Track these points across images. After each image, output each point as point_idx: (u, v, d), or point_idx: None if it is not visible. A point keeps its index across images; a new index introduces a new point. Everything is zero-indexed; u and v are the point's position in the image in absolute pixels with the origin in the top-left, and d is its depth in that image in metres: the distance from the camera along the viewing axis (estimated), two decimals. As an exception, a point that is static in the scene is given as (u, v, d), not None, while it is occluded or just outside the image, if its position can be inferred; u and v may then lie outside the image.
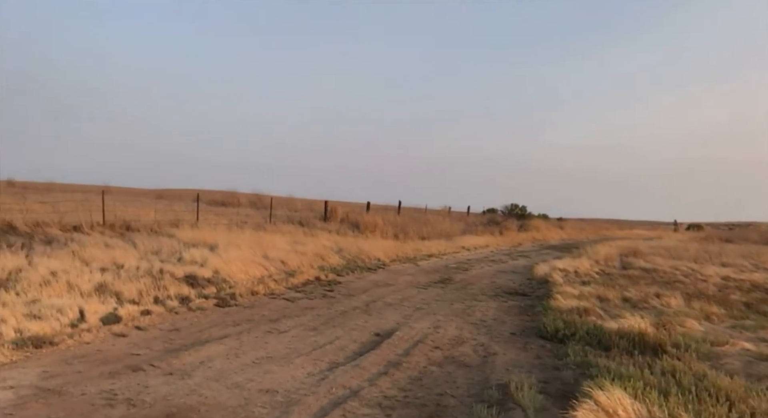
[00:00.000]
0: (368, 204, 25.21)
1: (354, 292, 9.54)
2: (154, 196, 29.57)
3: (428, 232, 22.30)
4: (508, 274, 13.78)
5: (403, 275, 12.15)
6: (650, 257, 16.61)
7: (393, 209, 27.54)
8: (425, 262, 14.90)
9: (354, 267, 12.13)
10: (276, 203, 26.37)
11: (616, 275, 13.30)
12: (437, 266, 14.40)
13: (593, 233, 35.66)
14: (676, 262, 15.67)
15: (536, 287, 11.85)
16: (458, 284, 11.54)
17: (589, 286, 11.12)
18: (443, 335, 6.91)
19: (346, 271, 11.55)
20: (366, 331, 6.82)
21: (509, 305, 9.41)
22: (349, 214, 23.09)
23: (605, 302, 9.60)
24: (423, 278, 11.96)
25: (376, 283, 10.79)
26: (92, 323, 5.67)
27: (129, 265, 8.28)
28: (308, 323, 7.03)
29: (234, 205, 26.82)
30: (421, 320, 7.71)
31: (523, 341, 6.93)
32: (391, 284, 10.87)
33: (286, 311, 7.66)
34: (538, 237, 27.22)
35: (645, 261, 15.62)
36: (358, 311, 7.95)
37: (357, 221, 21.38)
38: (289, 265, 10.74)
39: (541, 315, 8.57)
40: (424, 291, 10.29)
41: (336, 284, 10.19)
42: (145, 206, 18.20)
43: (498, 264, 15.81)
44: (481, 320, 7.98)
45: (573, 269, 13.56)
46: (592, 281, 12.07)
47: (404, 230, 21.56)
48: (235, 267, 9.25)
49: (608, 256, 16.26)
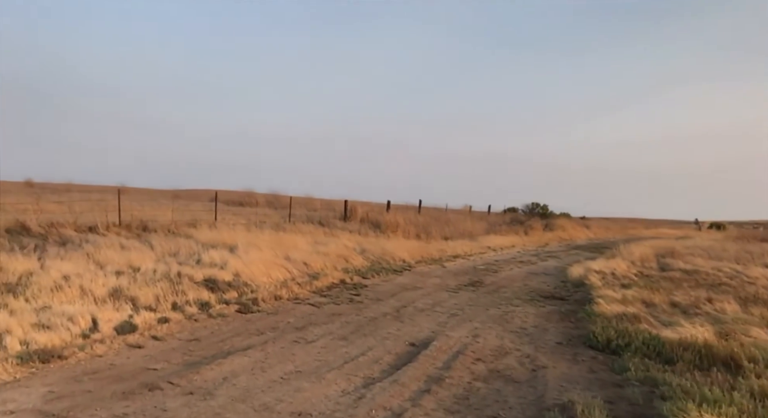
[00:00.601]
0: (388, 203, 24.69)
1: (382, 296, 9.02)
2: (170, 197, 29.43)
3: (451, 232, 21.70)
4: (540, 276, 13.15)
5: (430, 278, 11.60)
6: (688, 257, 15.81)
7: (413, 208, 26.99)
8: (452, 263, 14.33)
9: (379, 269, 11.62)
10: (294, 203, 25.96)
11: (656, 277, 12.58)
12: (465, 267, 13.82)
13: (620, 232, 34.70)
14: (717, 263, 14.86)
15: (572, 290, 11.21)
16: (490, 287, 10.95)
17: (630, 289, 10.45)
18: (484, 345, 6.35)
19: (371, 273, 11.04)
20: (400, 340, 6.30)
21: (548, 311, 8.81)
22: (369, 213, 22.58)
23: (652, 308, 8.95)
24: (452, 281, 11.40)
25: (404, 286, 10.25)
26: (106, 332, 5.24)
27: (145, 268, 7.87)
28: (337, 331, 6.52)
29: (251, 205, 26.51)
30: (457, 327, 7.16)
31: (572, 351, 6.34)
32: (420, 287, 10.33)
33: (312, 317, 7.16)
34: (564, 237, 26.43)
35: (684, 262, 14.85)
36: (389, 318, 7.43)
37: (378, 221, 20.87)
38: (312, 267, 10.26)
39: (586, 322, 7.98)
40: (455, 295, 9.73)
41: (362, 287, 9.68)
42: (162, 206, 17.90)
43: (527, 265, 15.17)
44: (521, 328, 7.41)
45: (609, 271, 12.87)
46: (633, 283, 11.38)
47: (426, 229, 20.99)
48: (257, 269, 8.80)
49: (644, 256, 15.51)
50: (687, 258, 15.66)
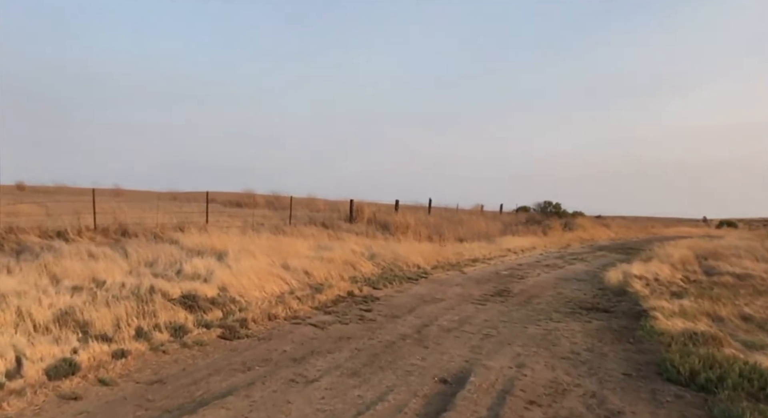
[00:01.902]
0: (397, 203, 23.34)
1: (398, 311, 7.66)
2: (167, 199, 28.23)
3: (465, 233, 20.33)
4: (571, 282, 11.76)
5: (450, 286, 10.23)
6: (733, 259, 14.38)
7: (423, 208, 25.63)
8: (471, 268, 12.96)
9: (392, 277, 10.26)
10: (296, 204, 24.67)
11: (706, 283, 11.18)
12: (486, 273, 12.45)
13: (641, 231, 33.25)
14: (759, 264, 13.44)
15: (614, 299, 9.84)
16: (520, 297, 9.59)
17: (684, 298, 9.07)
18: (534, 380, 5.00)
19: (383, 282, 9.69)
20: (427, 375, 4.95)
21: (596, 327, 7.44)
22: (377, 214, 21.24)
23: (720, 323, 7.57)
24: (476, 290, 10.03)
25: (422, 297, 8.90)
26: (31, 377, 3.91)
27: (112, 281, 6.56)
28: (345, 363, 5.18)
29: (250, 206, 25.24)
30: (495, 354, 5.81)
31: (648, 387, 4.97)
32: (440, 298, 8.98)
33: (315, 343, 5.82)
34: (585, 237, 25.00)
35: (730, 265, 13.42)
36: (410, 342, 6.07)
37: (386, 222, 19.54)
38: (315, 276, 8.92)
39: (648, 342, 6.61)
40: (483, 308, 8.37)
41: (373, 300, 8.33)
42: (153, 209, 16.60)
43: (555, 270, 13.78)
44: (573, 353, 6.04)
45: (652, 276, 11.48)
46: (684, 291, 10.00)
47: (439, 230, 19.63)
48: (248, 281, 7.47)
49: (684, 259, 14.10)
50: (732, 260, 14.23)
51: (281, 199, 25.49)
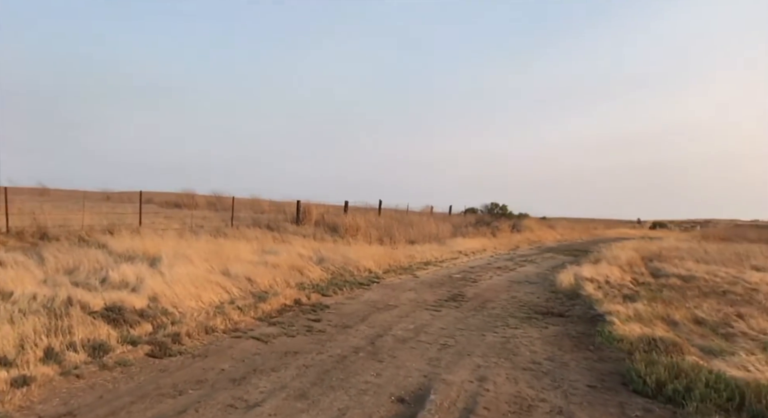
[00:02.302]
0: (346, 204, 22.83)
1: (349, 320, 7.19)
2: (100, 199, 26.50)
3: (416, 235, 20.08)
4: (524, 285, 11.66)
5: (404, 291, 9.86)
6: (676, 261, 14.80)
7: (372, 209, 25.23)
8: (424, 272, 12.65)
9: (342, 283, 9.77)
10: (239, 205, 23.70)
11: (654, 285, 11.34)
12: (439, 276, 12.17)
13: (584, 233, 34.19)
14: (708, 267, 13.87)
15: (568, 303, 9.76)
16: (474, 302, 9.34)
17: (637, 302, 9.08)
18: (497, 395, 4.66)
19: (333, 288, 9.18)
20: (383, 394, 4.51)
21: (553, 333, 7.25)
22: (325, 215, 20.69)
23: (676, 327, 7.55)
24: (429, 295, 9.70)
25: (375, 304, 8.46)
26: None
27: (21, 293, 5.75)
28: (292, 382, 4.66)
29: (190, 207, 24.08)
30: (454, 366, 5.45)
31: (615, 400, 4.74)
32: (394, 304, 8.57)
33: (257, 360, 5.27)
34: (532, 238, 25.34)
35: (674, 266, 13.77)
36: (363, 356, 5.62)
37: (335, 224, 19.01)
38: (259, 284, 8.30)
39: (608, 350, 6.45)
40: (438, 314, 8.03)
41: (323, 308, 7.81)
42: (84, 209, 15.37)
43: (506, 272, 13.70)
44: (534, 362, 5.77)
45: (603, 279, 11.54)
46: (635, 294, 10.06)
47: (390, 232, 19.28)
48: (183, 290, 6.79)
49: (631, 261, 14.37)
50: (675, 262, 14.63)
51: (223, 200, 24.43)
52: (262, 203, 25.06)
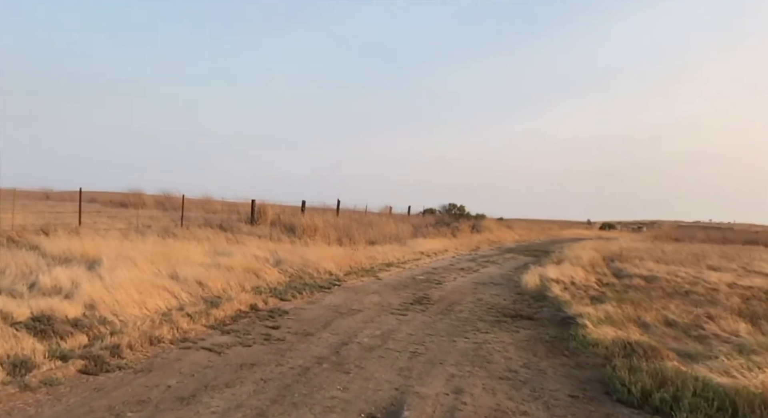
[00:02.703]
0: (303, 204, 22.23)
1: (311, 327, 6.70)
2: (38, 198, 24.84)
3: (376, 235, 19.69)
4: (489, 287, 11.45)
5: (367, 295, 9.43)
6: (636, 261, 14.97)
7: (330, 210, 24.70)
8: (386, 273, 12.26)
9: (301, 286, 9.25)
10: (190, 205, 22.69)
11: (619, 285, 11.34)
12: (403, 278, 11.80)
13: (541, 233, 34.69)
14: (668, 267, 14.09)
15: (535, 304, 9.58)
16: (441, 305, 9.02)
17: (605, 303, 8.97)
18: (475, 409, 4.30)
19: (292, 292, 8.65)
20: (352, 411, 4.07)
21: (525, 338, 6.99)
22: (281, 215, 20.02)
23: (648, 330, 7.42)
24: (394, 298, 9.31)
25: (337, 309, 7.99)
26: None
27: (-71, 302, 4.98)
28: (249, 400, 4.16)
29: (137, 207, 22.85)
30: (427, 377, 5.06)
31: (601, 411, 4.47)
32: (357, 309, 8.13)
33: (209, 374, 4.72)
34: (492, 239, 25.39)
35: (635, 266, 13.90)
36: (327, 367, 5.15)
37: (292, 224, 18.40)
38: (211, 288, 7.69)
39: (584, 355, 6.23)
40: (404, 319, 7.64)
41: (281, 314, 7.28)
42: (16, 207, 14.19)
43: (470, 273, 13.48)
44: (510, 371, 5.46)
45: (568, 279, 11.46)
46: (602, 295, 9.98)
47: (349, 233, 18.81)
48: (125, 296, 6.13)
49: (593, 261, 14.44)
50: (636, 262, 14.79)
51: (173, 200, 23.32)
52: (214, 203, 24.08)
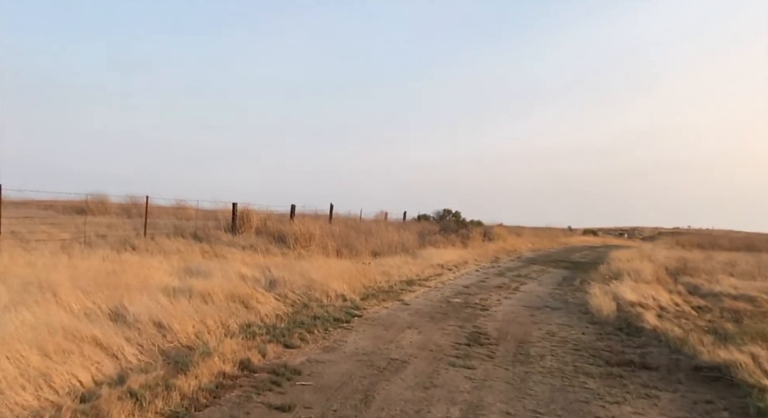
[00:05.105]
0: (293, 209, 19.55)
1: (342, 404, 4.08)
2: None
3: (379, 245, 17.09)
4: (548, 313, 8.95)
5: (401, 331, 6.84)
6: (704, 275, 12.63)
7: (322, 216, 22.03)
8: (412, 296, 9.68)
9: (310, 320, 6.62)
10: (161, 212, 19.92)
11: (716, 310, 8.95)
12: (435, 302, 9.24)
13: (550, 241, 32.43)
14: (750, 283, 11.76)
15: (630, 341, 7.13)
16: (507, 346, 6.52)
17: (736, 341, 6.55)
18: None
19: (299, 331, 6.03)
20: None
21: (679, 408, 4.49)
22: (268, 222, 17.35)
23: None
24: (439, 335, 6.76)
25: (370, 360, 5.39)
26: None
27: None
28: None
29: (98, 214, 19.97)
30: None
31: None
32: (398, 358, 5.54)
33: None
34: (507, 248, 22.98)
35: (711, 283, 11.54)
36: None
37: (281, 232, 15.73)
38: (177, 332, 5.02)
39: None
40: (475, 376, 5.10)
41: (290, 376, 4.65)
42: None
43: (512, 293, 10.97)
44: None
45: (652, 302, 9.02)
46: (714, 326, 7.59)
47: (348, 242, 16.21)
48: (12, 366, 3.47)
49: (658, 276, 12.04)
50: (704, 276, 12.45)
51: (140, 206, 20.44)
52: (188, 210, 21.29)
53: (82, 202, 22.63)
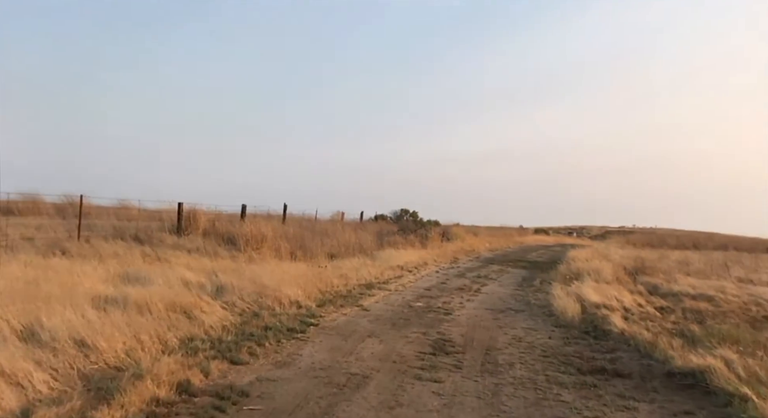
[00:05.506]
0: (243, 209, 18.76)
1: (298, 434, 3.60)
2: None
3: (335, 246, 16.55)
4: (512, 316, 8.69)
5: (361, 340, 6.37)
6: (661, 275, 12.73)
7: (275, 216, 21.28)
8: (371, 300, 9.21)
9: (260, 331, 6.06)
10: (101, 212, 18.70)
11: (678, 310, 8.91)
12: (396, 307, 8.81)
13: (506, 240, 32.64)
14: (706, 282, 11.90)
15: (598, 345, 6.92)
16: (474, 354, 6.17)
17: (706, 344, 6.42)
18: None
19: (248, 345, 5.47)
20: None
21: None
22: (217, 223, 16.54)
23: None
24: (402, 344, 6.33)
25: (328, 375, 4.90)
26: None
27: None
28: None
29: (31, 214, 18.60)
30: None
31: None
32: (359, 372, 5.07)
33: None
34: (466, 248, 22.83)
35: (669, 282, 11.60)
36: None
37: (231, 234, 14.97)
38: (103, 352, 4.38)
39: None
40: (444, 390, 4.70)
41: (236, 399, 4.10)
42: None
43: (474, 295, 10.68)
44: None
45: (616, 304, 8.88)
46: (681, 328, 7.48)
47: (303, 244, 15.60)
48: None
49: (618, 275, 12.03)
50: (661, 276, 12.54)
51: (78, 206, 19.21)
52: (130, 210, 20.11)
53: (7, 202, 21.08)
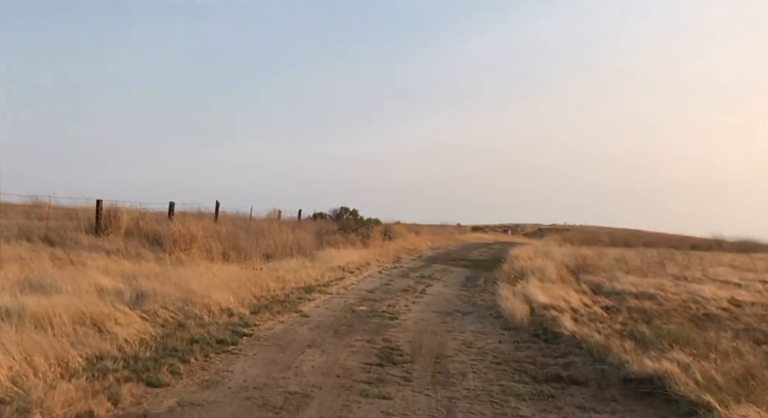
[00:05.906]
0: (171, 206, 17.61)
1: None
2: None
3: (271, 246, 15.82)
4: (460, 319, 8.39)
5: (300, 352, 5.83)
6: (602, 273, 12.88)
7: (206, 214, 20.18)
8: (311, 305, 8.65)
9: (185, 345, 5.39)
10: (8, 210, 17.09)
11: (623, 310, 8.90)
12: (338, 312, 8.30)
13: (448, 239, 32.76)
14: (646, 280, 12.12)
15: (550, 350, 6.70)
16: (423, 363, 5.78)
17: (657, 346, 6.34)
18: None
19: (170, 362, 4.81)
20: None
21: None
22: (141, 222, 15.39)
23: None
24: (346, 354, 5.84)
25: (263, 396, 4.33)
26: None
27: None
28: None
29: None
30: None
31: None
32: (298, 391, 4.54)
33: None
34: (407, 246, 22.56)
35: (611, 281, 11.71)
36: None
37: (157, 234, 13.95)
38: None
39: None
40: (395, 408, 4.24)
41: (152, 434, 3.50)
42: None
43: (419, 297, 10.33)
44: None
45: (564, 304, 8.76)
46: (630, 329, 7.41)
47: (236, 244, 14.78)
48: None
49: (561, 274, 12.03)
50: (602, 274, 12.67)
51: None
52: (43, 208, 18.50)
53: None
